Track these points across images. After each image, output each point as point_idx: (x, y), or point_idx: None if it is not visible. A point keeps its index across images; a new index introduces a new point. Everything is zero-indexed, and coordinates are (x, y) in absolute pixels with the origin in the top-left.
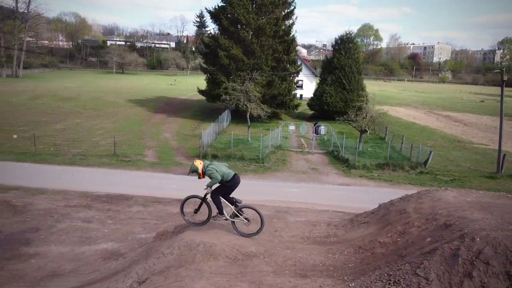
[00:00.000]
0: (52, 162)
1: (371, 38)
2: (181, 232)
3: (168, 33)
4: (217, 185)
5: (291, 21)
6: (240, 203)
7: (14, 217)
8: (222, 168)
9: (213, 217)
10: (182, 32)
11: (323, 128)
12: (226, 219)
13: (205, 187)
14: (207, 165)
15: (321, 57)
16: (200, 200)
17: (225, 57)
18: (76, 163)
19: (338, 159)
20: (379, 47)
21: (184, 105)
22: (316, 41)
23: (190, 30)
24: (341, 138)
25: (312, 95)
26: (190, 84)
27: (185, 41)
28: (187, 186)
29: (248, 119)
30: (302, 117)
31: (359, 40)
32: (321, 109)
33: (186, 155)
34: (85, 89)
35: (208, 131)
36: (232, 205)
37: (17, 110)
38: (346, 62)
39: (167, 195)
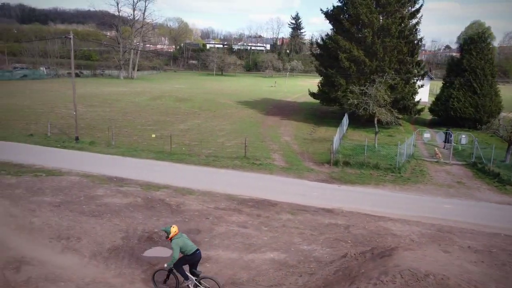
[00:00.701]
0: (188, 162)
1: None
2: (388, 256)
3: (260, 36)
4: (180, 255)
5: (416, 20)
6: (199, 275)
7: (174, 216)
8: (188, 242)
9: (180, 285)
10: (278, 34)
11: (464, 137)
12: (193, 283)
13: (166, 265)
14: (175, 238)
15: (423, 58)
16: (167, 272)
17: (346, 59)
18: (210, 164)
19: (485, 173)
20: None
21: (293, 107)
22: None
23: (286, 32)
24: (484, 148)
25: (432, 100)
26: (290, 86)
27: (279, 43)
28: (327, 195)
29: (376, 125)
30: (420, 123)
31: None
32: (446, 115)
33: (313, 161)
34: (195, 91)
35: (336, 136)
36: (193, 276)
37: (143, 110)
38: (478, 64)
39: (311, 203)
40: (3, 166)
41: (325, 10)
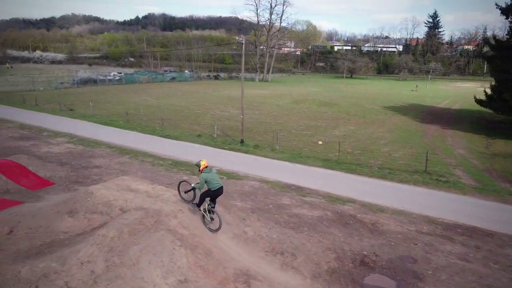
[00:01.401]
0: (361, 173)
1: None
2: None
3: (387, 36)
4: (206, 188)
5: None
6: (213, 207)
7: (375, 237)
8: (215, 177)
9: (193, 202)
10: (412, 34)
11: None
12: (199, 210)
13: (192, 184)
14: (204, 171)
15: None
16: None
17: None
18: (387, 177)
19: None
20: None
21: (451, 115)
22: None
23: (420, 32)
24: None
25: None
26: (433, 91)
27: (413, 44)
28: None
29: None
30: None
31: None
32: None
33: (509, 181)
34: (334, 94)
35: None
36: (210, 205)
37: (290, 113)
38: None
39: None
40: (193, 167)
41: (502, 5)
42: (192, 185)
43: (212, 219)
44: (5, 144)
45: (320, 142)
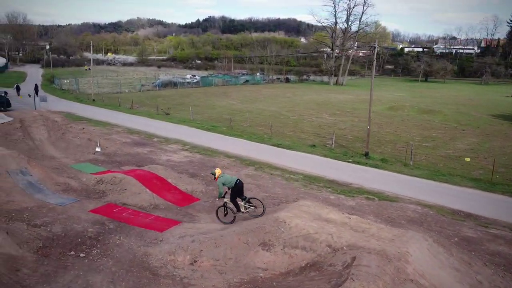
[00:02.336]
0: None
1: None
2: None
3: (454, 37)
4: (229, 192)
5: None
6: (245, 198)
7: None
8: (228, 178)
9: (234, 213)
10: (493, 34)
11: None
12: (243, 213)
13: (217, 199)
14: (220, 177)
15: None
16: (224, 207)
17: None
18: None
19: None
20: None
21: None
22: None
23: (503, 32)
24: None
25: None
26: None
27: (493, 45)
28: None
29: None
30: None
31: None
32: None
33: None
34: (425, 100)
35: None
36: (242, 201)
37: (393, 122)
38: None
39: None
40: (331, 183)
41: None
42: (217, 199)
43: (255, 206)
44: (123, 150)
45: (468, 159)
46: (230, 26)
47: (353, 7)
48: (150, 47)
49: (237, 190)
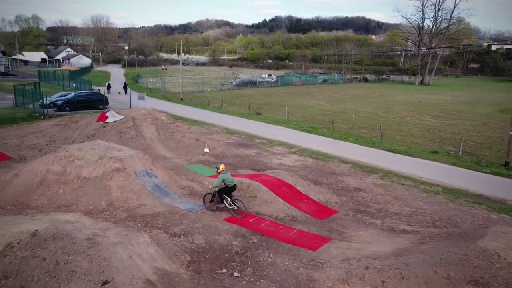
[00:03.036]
0: None
1: None
2: None
3: None
4: (223, 186)
5: None
6: (232, 197)
7: None
8: (229, 178)
9: (218, 204)
10: None
11: None
12: (225, 207)
13: (210, 186)
14: (222, 173)
15: None
16: (212, 195)
17: None
18: None
19: None
20: None
21: None
22: None
23: None
24: None
25: None
26: None
27: None
28: None
29: None
30: None
31: None
32: None
33: None
34: None
35: None
36: (230, 199)
37: None
38: None
39: None
40: (481, 199)
41: None
42: (211, 186)
43: (237, 207)
44: (231, 151)
45: None
46: (296, 25)
47: (443, 1)
48: (221, 47)
49: (230, 190)
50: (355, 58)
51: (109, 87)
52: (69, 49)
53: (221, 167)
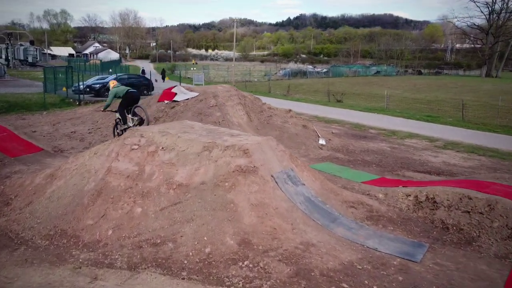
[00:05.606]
0: None
1: None
2: None
3: None
4: (119, 101)
5: None
6: (131, 109)
7: None
8: (120, 87)
9: (123, 127)
10: None
11: None
12: (130, 126)
13: (102, 108)
14: (114, 87)
15: None
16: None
17: None
18: None
19: None
20: None
21: None
22: None
23: None
24: None
25: None
26: None
27: None
28: None
29: None
30: None
31: None
32: None
33: None
34: None
35: None
36: (128, 114)
37: None
38: None
39: None
40: None
41: None
42: (103, 108)
43: (140, 118)
44: (353, 144)
45: None
46: (322, 23)
47: None
48: (249, 43)
49: (127, 101)
50: (398, 52)
51: (143, 72)
52: (96, 44)
53: (111, 83)
